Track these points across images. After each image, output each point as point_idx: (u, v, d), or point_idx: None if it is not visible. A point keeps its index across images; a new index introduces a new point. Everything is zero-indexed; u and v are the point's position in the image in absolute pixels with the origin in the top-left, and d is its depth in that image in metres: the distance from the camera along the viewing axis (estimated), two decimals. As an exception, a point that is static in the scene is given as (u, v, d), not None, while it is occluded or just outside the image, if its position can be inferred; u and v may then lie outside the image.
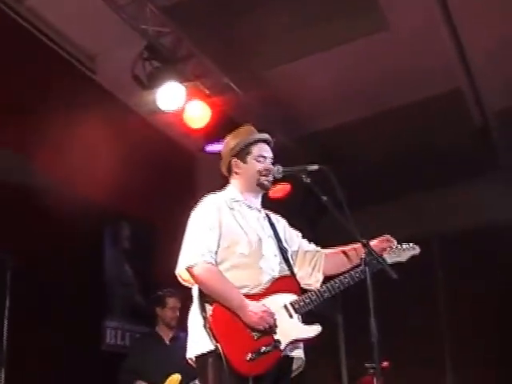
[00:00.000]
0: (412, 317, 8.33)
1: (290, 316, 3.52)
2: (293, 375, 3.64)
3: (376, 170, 8.16)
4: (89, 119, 5.86)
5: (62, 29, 5.93)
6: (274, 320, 3.43)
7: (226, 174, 3.86)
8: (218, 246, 3.52)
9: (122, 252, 6.57)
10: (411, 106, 7.25)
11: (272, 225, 3.81)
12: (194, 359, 3.49)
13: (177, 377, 5.09)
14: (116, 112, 6.35)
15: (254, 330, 3.38)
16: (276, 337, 3.42)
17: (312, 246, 3.95)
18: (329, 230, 4.16)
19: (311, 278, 3.85)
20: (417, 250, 3.92)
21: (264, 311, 3.40)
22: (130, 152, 6.39)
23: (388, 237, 3.84)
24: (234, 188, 3.79)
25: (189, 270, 3.44)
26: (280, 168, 3.74)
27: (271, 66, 6.64)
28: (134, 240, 6.70)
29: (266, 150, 3.78)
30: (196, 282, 3.48)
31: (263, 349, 3.34)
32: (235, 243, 3.55)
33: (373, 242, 3.74)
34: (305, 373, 3.68)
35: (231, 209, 3.65)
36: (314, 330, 3.54)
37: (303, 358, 3.61)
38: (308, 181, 3.64)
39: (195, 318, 3.49)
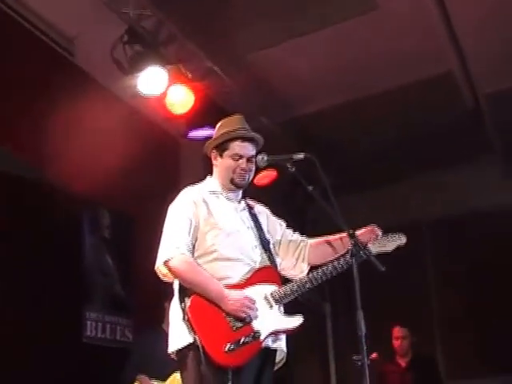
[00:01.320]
0: (401, 305, 8.27)
1: (271, 307, 3.47)
2: (275, 368, 3.59)
3: (364, 155, 8.08)
4: (68, 103, 5.71)
5: (40, 10, 5.75)
6: (256, 308, 3.38)
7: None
8: (196, 239, 3.50)
9: (102, 241, 6.42)
10: (400, 90, 7.12)
11: (253, 215, 3.76)
12: (174, 353, 3.44)
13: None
14: (96, 96, 6.18)
15: (234, 319, 3.33)
16: (256, 327, 3.37)
17: (296, 236, 3.89)
18: (317, 219, 4.07)
19: (296, 268, 3.80)
20: (403, 240, 3.84)
21: (245, 298, 3.36)
22: (111, 138, 6.22)
23: (373, 227, 3.77)
24: (214, 179, 3.76)
25: (166, 264, 3.41)
26: (264, 156, 3.69)
27: (255, 49, 6.47)
28: (115, 228, 6.55)
29: (246, 149, 3.68)
30: (174, 275, 3.45)
31: (242, 339, 3.29)
32: (214, 236, 3.51)
33: (358, 232, 3.68)
34: (291, 363, 3.62)
35: (209, 202, 3.61)
36: (295, 320, 3.50)
37: (285, 350, 3.57)
38: (293, 170, 3.60)
39: (175, 312, 3.45)
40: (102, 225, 6.46)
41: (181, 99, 5.97)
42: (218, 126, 3.81)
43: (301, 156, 3.60)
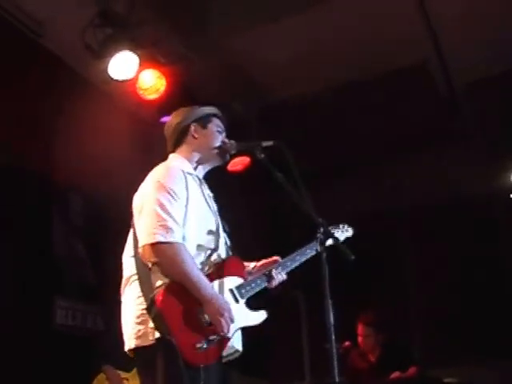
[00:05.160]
0: (377, 293, 8.26)
1: (237, 301, 3.38)
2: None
3: (339, 143, 8.02)
4: (37, 87, 5.65)
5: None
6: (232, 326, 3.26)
7: (171, 144, 3.71)
8: (184, 221, 3.29)
9: (73, 227, 6.34)
10: (376, 78, 7.07)
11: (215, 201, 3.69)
12: (133, 350, 3.26)
13: None
14: (68, 80, 6.11)
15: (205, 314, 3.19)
16: None
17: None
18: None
19: None
20: (350, 233, 4.10)
21: (228, 311, 3.22)
22: (82, 122, 6.14)
23: (277, 258, 3.74)
24: (182, 159, 3.59)
25: (155, 246, 3.18)
26: (234, 143, 3.64)
27: (229, 34, 6.38)
28: (87, 214, 6.48)
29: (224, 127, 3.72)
30: (160, 261, 3.20)
31: (212, 337, 3.17)
32: (203, 220, 3.40)
33: (259, 263, 3.71)
34: (265, 351, 3.60)
35: (190, 186, 3.41)
36: (260, 316, 3.46)
37: (240, 350, 3.45)
38: (262, 157, 3.53)
39: (134, 303, 3.27)
40: (73, 211, 6.37)
41: (152, 84, 5.90)
42: (179, 111, 3.75)
43: (270, 143, 3.54)
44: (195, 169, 3.61)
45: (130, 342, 3.26)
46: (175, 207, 3.25)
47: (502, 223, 8.19)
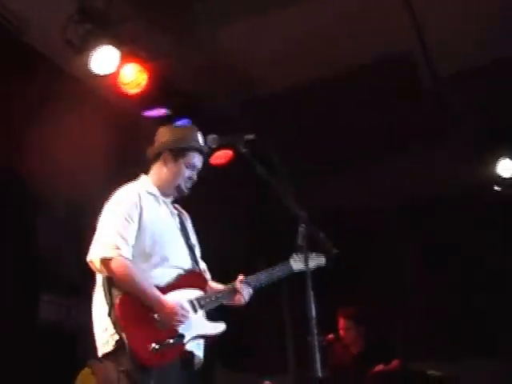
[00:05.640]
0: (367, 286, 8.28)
1: (195, 311, 3.53)
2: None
3: (326, 137, 7.97)
4: (21, 84, 5.66)
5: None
6: (188, 317, 3.45)
7: (149, 156, 3.88)
8: (137, 239, 3.51)
9: (57, 222, 6.34)
10: (361, 69, 7.04)
11: (182, 220, 3.85)
12: (102, 357, 3.45)
13: None
14: (50, 75, 6.08)
15: (161, 320, 3.38)
16: (180, 330, 3.42)
17: (203, 265, 3.95)
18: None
19: None
20: (323, 261, 4.09)
21: (180, 307, 3.43)
22: (68, 117, 6.13)
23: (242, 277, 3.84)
24: (150, 181, 3.78)
25: (103, 262, 3.42)
26: (215, 137, 3.68)
27: (213, 26, 6.35)
28: (71, 209, 6.47)
29: (199, 161, 3.82)
30: (110, 275, 3.43)
31: (167, 341, 3.32)
32: (149, 239, 3.54)
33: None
34: (249, 344, 3.65)
35: (148, 204, 3.63)
36: (217, 327, 3.62)
37: (202, 358, 3.63)
38: (245, 151, 3.57)
39: (99, 310, 3.48)
40: (56, 207, 6.36)
41: (133, 79, 5.88)
42: (171, 128, 3.94)
43: (252, 136, 3.59)
44: (161, 193, 3.78)
45: (99, 350, 3.49)
46: (124, 226, 3.47)
47: (502, 223, 8.22)
